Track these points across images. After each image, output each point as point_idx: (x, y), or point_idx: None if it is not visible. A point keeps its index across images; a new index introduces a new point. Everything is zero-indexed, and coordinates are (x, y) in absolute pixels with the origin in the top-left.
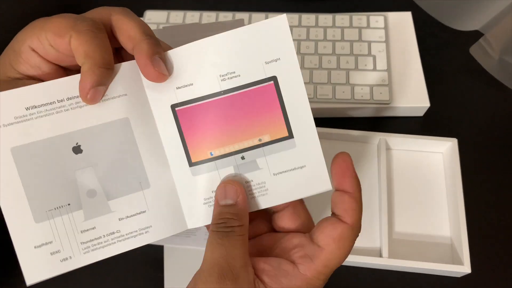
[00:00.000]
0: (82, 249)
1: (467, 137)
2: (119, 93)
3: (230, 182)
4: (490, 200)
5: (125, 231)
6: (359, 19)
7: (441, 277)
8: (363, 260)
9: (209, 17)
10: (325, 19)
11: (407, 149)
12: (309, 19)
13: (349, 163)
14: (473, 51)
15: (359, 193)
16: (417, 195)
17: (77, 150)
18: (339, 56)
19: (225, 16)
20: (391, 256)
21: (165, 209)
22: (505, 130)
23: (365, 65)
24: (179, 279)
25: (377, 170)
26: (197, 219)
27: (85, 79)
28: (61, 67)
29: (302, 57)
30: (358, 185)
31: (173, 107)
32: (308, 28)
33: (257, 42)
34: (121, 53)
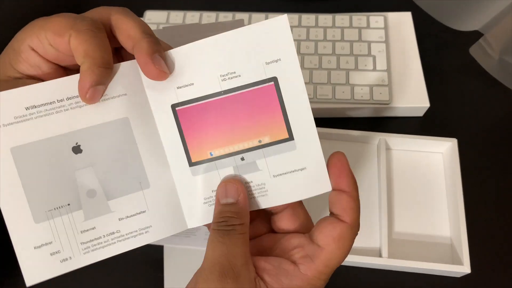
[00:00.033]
0: (82, 250)
1: (467, 137)
2: (119, 93)
3: (231, 181)
4: (490, 200)
5: (125, 231)
6: (359, 19)
7: (441, 277)
8: (362, 260)
9: (209, 17)
10: (325, 19)
11: (407, 149)
12: (309, 19)
13: (344, 162)
14: (473, 51)
15: (356, 192)
16: (417, 195)
17: (77, 150)
18: (339, 56)
19: (225, 16)
20: (390, 256)
21: (165, 209)
22: (505, 130)
23: (365, 65)
24: (179, 279)
25: (377, 170)
26: (197, 218)
27: (84, 79)
28: (61, 67)
29: (302, 57)
30: (354, 183)
31: (174, 106)
32: (308, 28)
33: (257, 42)
34: (121, 53)
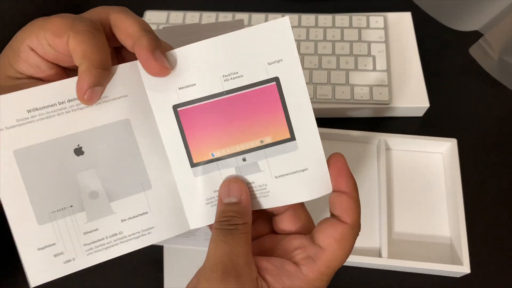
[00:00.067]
0: (85, 251)
1: (467, 137)
2: (120, 94)
3: (234, 180)
4: (489, 200)
5: (128, 232)
6: (359, 19)
7: (441, 277)
8: (362, 260)
9: (209, 17)
10: (325, 19)
11: (406, 149)
12: (309, 19)
13: (343, 163)
14: (473, 51)
15: (356, 193)
16: (417, 195)
17: (78, 152)
18: (338, 56)
19: (225, 16)
20: (390, 256)
21: (167, 210)
22: (504, 130)
23: (365, 66)
24: (179, 279)
25: (377, 170)
26: (199, 219)
27: (82, 80)
28: (61, 67)
29: (302, 57)
30: (354, 184)
31: (175, 107)
32: (308, 28)
33: (260, 43)
34: (121, 54)
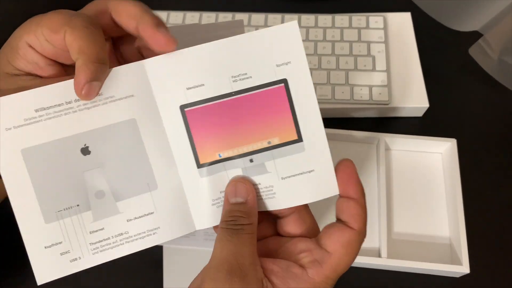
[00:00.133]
0: (91, 250)
1: (466, 137)
2: (126, 94)
3: (241, 180)
4: (489, 200)
5: (133, 232)
6: (359, 19)
7: (440, 277)
8: (362, 260)
9: (209, 17)
10: (325, 19)
11: (406, 149)
12: (308, 19)
13: (353, 170)
14: (473, 51)
15: (364, 199)
16: (416, 195)
17: (85, 151)
18: (338, 56)
19: (225, 16)
20: (390, 256)
21: (173, 211)
22: (504, 130)
23: (365, 66)
24: (178, 279)
25: (376, 170)
26: (205, 220)
27: (79, 75)
28: (59, 63)
29: None
30: (362, 191)
31: (182, 107)
32: (307, 28)
33: (269, 45)
34: (120, 51)
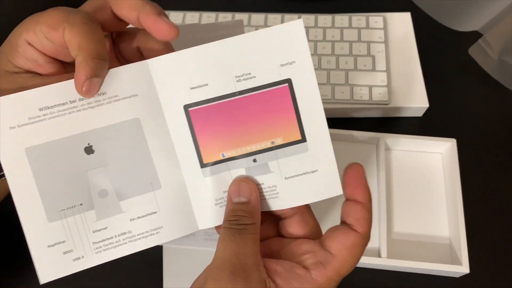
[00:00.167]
0: (94, 249)
1: (466, 137)
2: (130, 94)
3: (244, 180)
4: (489, 200)
5: (136, 231)
6: (359, 19)
7: (440, 277)
8: (362, 260)
9: (209, 17)
10: (325, 19)
11: (406, 149)
12: (308, 19)
13: (362, 174)
14: (472, 51)
15: (370, 204)
16: (416, 195)
17: (89, 150)
18: (338, 56)
19: (225, 16)
20: (389, 256)
21: (176, 210)
22: (504, 130)
23: (364, 66)
24: (178, 279)
25: (376, 170)
26: (208, 220)
27: (79, 71)
28: (59, 61)
29: None
30: (369, 196)
31: (186, 107)
32: (307, 28)
33: (273, 45)
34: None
